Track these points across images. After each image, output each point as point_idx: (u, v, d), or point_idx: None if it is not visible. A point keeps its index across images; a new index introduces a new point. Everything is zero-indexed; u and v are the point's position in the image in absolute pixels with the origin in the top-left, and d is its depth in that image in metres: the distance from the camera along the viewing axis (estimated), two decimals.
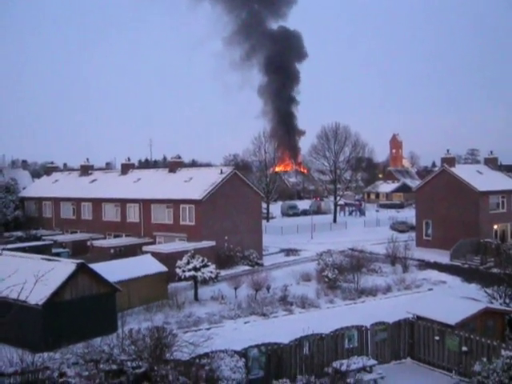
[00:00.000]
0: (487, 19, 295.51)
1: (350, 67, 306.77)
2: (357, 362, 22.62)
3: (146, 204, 53.21)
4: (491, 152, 64.07)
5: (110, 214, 56.74)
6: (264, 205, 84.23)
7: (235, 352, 20.51)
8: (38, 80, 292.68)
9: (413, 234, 62.68)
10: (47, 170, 73.94)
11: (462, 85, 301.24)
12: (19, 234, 56.66)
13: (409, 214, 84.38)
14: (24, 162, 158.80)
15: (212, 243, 47.15)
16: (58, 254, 44.76)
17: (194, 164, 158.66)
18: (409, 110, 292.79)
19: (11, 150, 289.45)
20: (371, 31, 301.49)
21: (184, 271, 36.77)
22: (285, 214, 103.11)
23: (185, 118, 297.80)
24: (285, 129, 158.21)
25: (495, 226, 56.32)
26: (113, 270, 31.94)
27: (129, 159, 63.17)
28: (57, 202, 62.63)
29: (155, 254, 39.87)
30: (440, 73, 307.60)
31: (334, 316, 31.49)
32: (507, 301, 29.39)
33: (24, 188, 69.78)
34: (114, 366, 17.64)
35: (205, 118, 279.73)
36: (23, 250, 42.02)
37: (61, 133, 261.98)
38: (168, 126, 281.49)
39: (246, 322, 31.47)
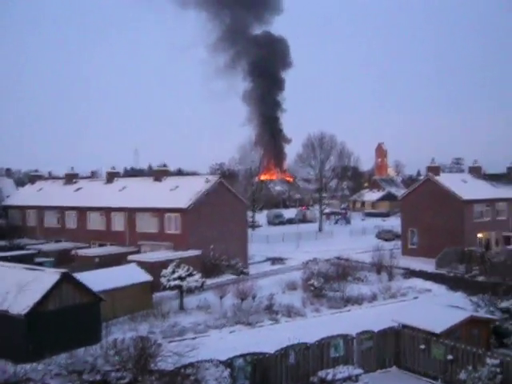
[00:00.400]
0: (484, 21, 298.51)
1: (335, 75, 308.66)
2: (343, 371, 22.57)
3: (131, 213, 52.94)
4: (475, 161, 64.59)
5: (95, 222, 56.37)
6: (250, 213, 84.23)
7: (220, 362, 20.39)
8: (22, 86, 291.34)
9: (398, 243, 62.84)
10: (31, 178, 73.40)
11: (447, 95, 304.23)
12: (2, 243, 56.06)
13: (394, 223, 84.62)
14: (8, 170, 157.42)
15: (198, 252, 46.94)
16: (41, 264, 44.33)
17: (179, 173, 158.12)
18: (394, 119, 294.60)
19: None
20: (356, 36, 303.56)
21: (169, 280, 36.56)
22: (271, 222, 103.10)
23: (171, 126, 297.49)
24: (270, 134, 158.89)
25: (479, 235, 56.69)
26: (97, 280, 31.66)
27: (114, 168, 62.93)
28: (41, 210, 62.13)
29: (140, 263, 39.62)
30: (425, 82, 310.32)
31: (319, 325, 31.42)
32: (492, 309, 29.51)
33: (8, 196, 69.18)
34: (98, 377, 17.47)
35: (191, 127, 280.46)
36: (6, 259, 41.55)
37: (46, 141, 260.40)
38: (154, 135, 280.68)
39: (231, 332, 31.31)
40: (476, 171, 63.24)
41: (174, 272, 36.88)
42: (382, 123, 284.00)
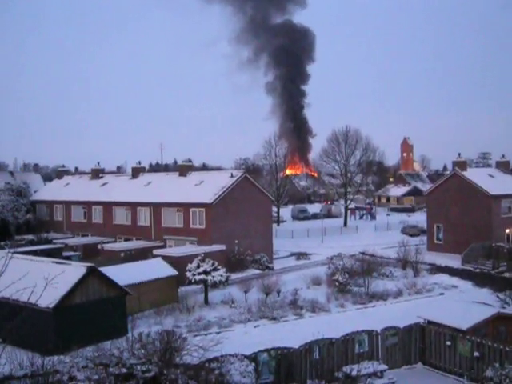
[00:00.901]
0: (501, 15, 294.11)
1: (361, 69, 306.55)
2: (367, 366, 22.47)
3: (156, 208, 53.29)
4: (503, 156, 63.64)
5: (121, 217, 56.88)
6: (274, 208, 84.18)
7: (245, 356, 20.44)
8: (49, 82, 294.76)
9: (424, 238, 62.32)
10: (58, 173, 74.41)
11: (474, 86, 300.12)
12: (30, 237, 56.96)
13: (420, 218, 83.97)
14: (36, 165, 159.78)
15: (222, 247, 47.15)
16: (68, 258, 44.93)
17: (204, 168, 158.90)
18: (420, 113, 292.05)
19: (23, 153, 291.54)
20: (380, 31, 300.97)
21: (194, 275, 36.77)
22: (295, 217, 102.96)
23: (196, 121, 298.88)
24: (294, 126, 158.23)
25: (507, 230, 55.87)
26: (123, 274, 32.00)
27: (139, 163, 63.37)
28: (68, 205, 62.89)
29: (165, 258, 39.92)
30: (452, 75, 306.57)
31: (344, 320, 31.34)
32: None
33: (35, 191, 70.17)
34: (124, 370, 17.60)
35: (215, 122, 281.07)
36: (34, 253, 42.18)
37: (72, 136, 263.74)
38: (179, 130, 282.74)
39: (256, 326, 31.38)
40: (504, 166, 62.32)
41: (198, 266, 37.08)
42: (408, 117, 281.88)
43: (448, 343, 23.37)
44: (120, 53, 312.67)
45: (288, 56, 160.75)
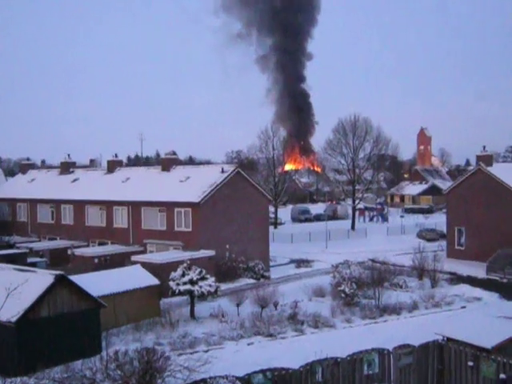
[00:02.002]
0: None
1: (371, 51, 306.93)
2: None
3: (135, 207, 53.24)
4: None
5: (95, 218, 56.80)
6: (272, 209, 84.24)
7: (237, 378, 20.45)
8: (13, 68, 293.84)
9: (443, 244, 62.45)
10: (22, 167, 74.13)
11: (501, 72, 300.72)
12: None
13: (438, 221, 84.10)
14: None
15: (211, 253, 47.16)
16: (34, 264, 44.82)
17: (191, 161, 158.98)
18: (440, 101, 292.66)
19: None
20: (394, 12, 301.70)
21: (179, 284, 36.75)
22: (295, 219, 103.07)
23: (181, 109, 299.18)
24: (293, 104, 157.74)
25: None
26: (97, 283, 31.93)
27: (116, 156, 63.27)
28: (33, 204, 62.75)
29: (146, 265, 39.88)
30: (477, 57, 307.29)
31: (351, 337, 31.39)
32: None
33: None
34: None
35: (204, 109, 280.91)
36: None
37: (39, 126, 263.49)
38: (162, 119, 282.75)
39: (249, 344, 31.39)
40: None
41: (184, 275, 37.07)
42: (426, 105, 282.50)
43: (470, 364, 23.42)
44: (96, 33, 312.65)
45: (284, 23, 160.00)
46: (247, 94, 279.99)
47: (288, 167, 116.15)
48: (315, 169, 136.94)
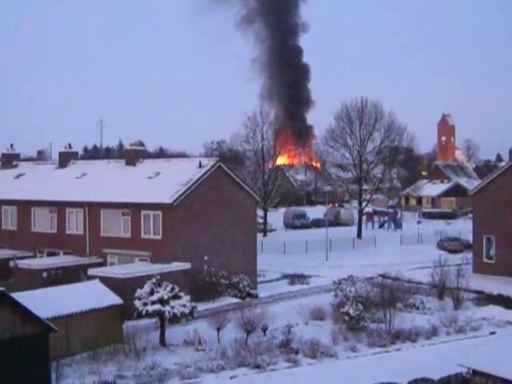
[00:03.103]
0: None
1: (382, 23, 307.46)
2: None
3: (93, 209, 53.02)
4: None
5: (43, 222, 56.48)
6: (260, 212, 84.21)
7: None
8: None
9: (469, 256, 62.59)
10: None
11: None
12: None
13: (463, 228, 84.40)
14: None
15: (186, 265, 47.08)
16: None
17: (161, 154, 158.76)
18: (465, 82, 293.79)
19: None
20: None
21: (146, 304, 36.65)
22: (289, 225, 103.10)
23: (150, 90, 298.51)
24: (287, 84, 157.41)
25: None
26: (46, 302, 31.79)
27: (69, 146, 62.88)
28: None
29: (106, 280, 39.72)
30: (506, 39, 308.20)
31: (356, 370, 31.42)
32: None
33: None
34: None
35: (177, 92, 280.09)
36: None
37: None
38: (126, 102, 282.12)
39: (232, 377, 31.37)
40: None
41: (152, 293, 36.98)
42: (449, 88, 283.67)
43: None
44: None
45: None
46: (229, 71, 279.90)
47: (280, 161, 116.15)
48: (314, 164, 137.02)
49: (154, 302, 36.66)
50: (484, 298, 48.80)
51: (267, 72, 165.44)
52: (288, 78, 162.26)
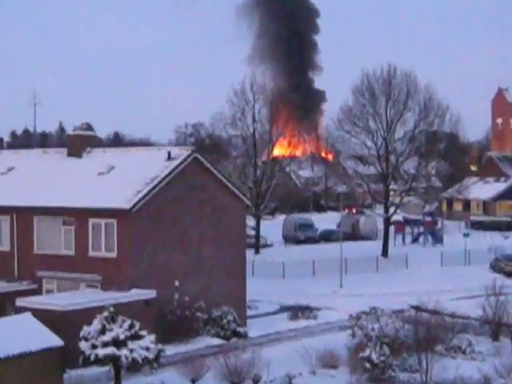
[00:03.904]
0: None
1: None
2: None
3: (23, 217, 52.94)
4: None
5: None
6: (251, 221, 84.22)
7: None
8: None
9: None
10: None
11: None
12: None
13: None
14: None
15: (150, 294, 47.03)
16: None
17: (117, 141, 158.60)
18: None
19: None
20: None
21: (95, 347, 36.67)
22: (290, 238, 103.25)
23: (101, 57, 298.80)
24: (285, 42, 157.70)
25: None
26: None
27: None
28: None
29: (41, 314, 39.71)
30: None
31: None
32: None
33: None
34: None
35: (139, 59, 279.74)
36: None
37: None
38: (68, 73, 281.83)
39: None
40: None
41: (104, 331, 36.98)
42: (506, 55, 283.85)
43: None
44: None
45: None
46: (207, 31, 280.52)
47: (279, 152, 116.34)
48: (323, 155, 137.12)
49: (106, 344, 36.67)
50: None
51: (258, 23, 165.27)
52: (287, 29, 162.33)
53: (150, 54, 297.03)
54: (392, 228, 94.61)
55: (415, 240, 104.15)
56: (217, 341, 48.66)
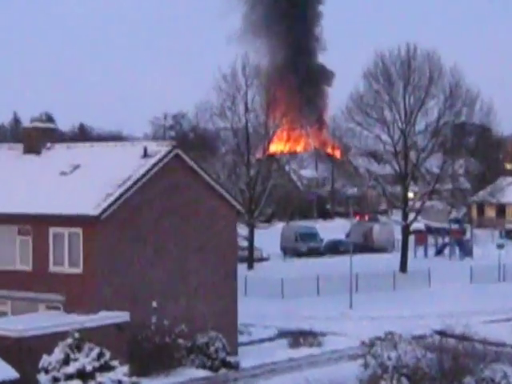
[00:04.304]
0: None
1: None
2: None
3: None
4: None
5: None
6: (244, 230, 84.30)
7: None
8: None
9: None
10: None
11: None
12: None
13: None
14: None
15: (122, 317, 47.04)
16: None
17: (82, 135, 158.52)
18: None
19: None
20: None
21: (57, 380, 36.72)
22: (290, 250, 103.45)
23: (63, 37, 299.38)
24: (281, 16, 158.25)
25: None
26: None
27: None
28: None
29: None
30: None
31: None
32: None
33: None
34: None
35: (109, 40, 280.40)
36: None
37: None
38: (24, 56, 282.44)
39: None
40: None
41: (68, 361, 37.03)
42: None
43: None
44: None
45: None
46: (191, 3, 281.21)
47: (276, 147, 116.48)
48: (330, 151, 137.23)
49: (69, 377, 36.76)
50: None
51: None
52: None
53: (122, 33, 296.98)
54: (412, 238, 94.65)
55: (439, 252, 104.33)
56: (203, 372, 48.69)
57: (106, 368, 37.23)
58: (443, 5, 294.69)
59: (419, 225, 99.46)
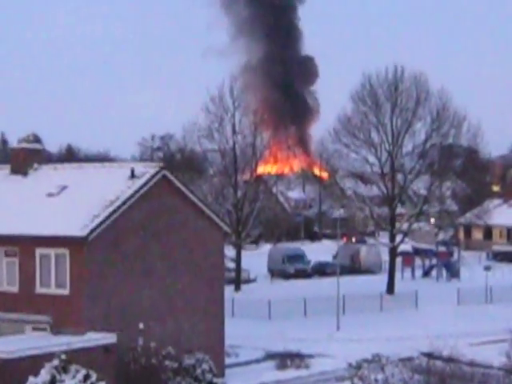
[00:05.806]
0: None
1: None
2: None
3: None
4: None
5: None
6: (231, 252, 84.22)
7: None
8: None
9: None
10: None
11: None
12: None
13: None
14: None
15: (109, 338, 46.92)
16: None
17: (70, 156, 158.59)
18: None
19: None
20: None
21: None
22: (277, 272, 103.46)
23: (52, 58, 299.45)
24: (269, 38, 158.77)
25: None
26: None
27: None
28: None
29: None
30: None
31: None
32: None
33: None
34: None
35: (96, 60, 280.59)
36: None
37: None
38: (13, 75, 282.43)
39: None
40: None
41: (54, 382, 36.90)
42: None
43: None
44: None
45: None
46: (177, 21, 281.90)
47: (263, 169, 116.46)
48: (317, 173, 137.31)
49: None
50: None
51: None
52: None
53: (109, 55, 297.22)
54: (399, 260, 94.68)
55: (427, 274, 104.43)
56: None
57: None
58: (430, 28, 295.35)
59: (406, 246, 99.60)
